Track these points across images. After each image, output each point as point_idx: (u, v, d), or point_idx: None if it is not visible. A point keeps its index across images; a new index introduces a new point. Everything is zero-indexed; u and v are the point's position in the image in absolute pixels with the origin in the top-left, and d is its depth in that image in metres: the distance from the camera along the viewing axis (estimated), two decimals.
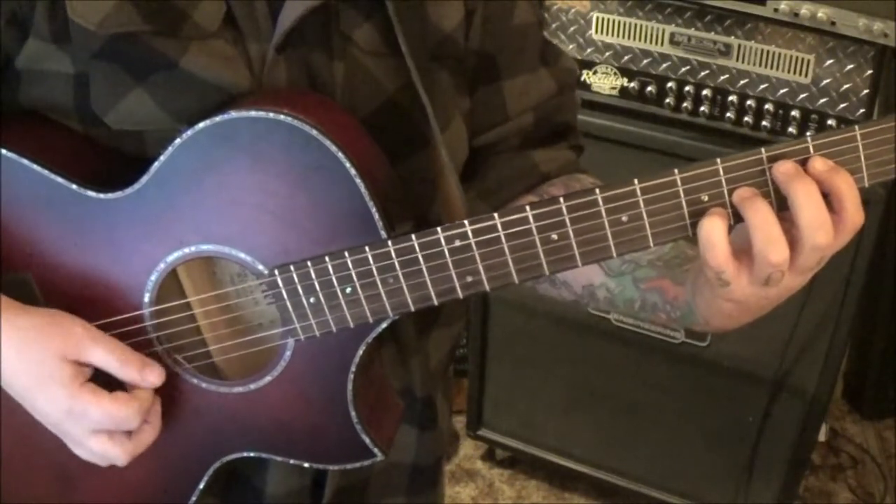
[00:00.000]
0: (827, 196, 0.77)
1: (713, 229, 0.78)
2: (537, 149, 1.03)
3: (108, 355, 0.86)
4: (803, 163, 0.77)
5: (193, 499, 0.96)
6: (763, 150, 0.78)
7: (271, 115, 0.81)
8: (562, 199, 0.80)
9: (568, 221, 0.80)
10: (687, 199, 0.79)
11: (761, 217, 0.77)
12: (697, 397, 2.12)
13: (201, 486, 0.96)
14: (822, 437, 2.36)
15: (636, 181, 0.79)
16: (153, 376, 0.87)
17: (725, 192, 0.78)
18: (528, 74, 1.01)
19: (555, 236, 0.81)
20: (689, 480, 2.21)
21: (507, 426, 2.38)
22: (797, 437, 2.06)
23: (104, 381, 0.87)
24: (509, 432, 2.38)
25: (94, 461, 0.90)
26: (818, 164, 0.77)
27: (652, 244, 0.81)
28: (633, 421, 2.21)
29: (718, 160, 0.78)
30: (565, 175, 1.04)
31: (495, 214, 0.81)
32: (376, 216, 0.83)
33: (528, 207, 0.81)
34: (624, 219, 0.80)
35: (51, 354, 0.85)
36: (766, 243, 0.77)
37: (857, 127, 0.77)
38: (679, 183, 0.79)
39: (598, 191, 0.80)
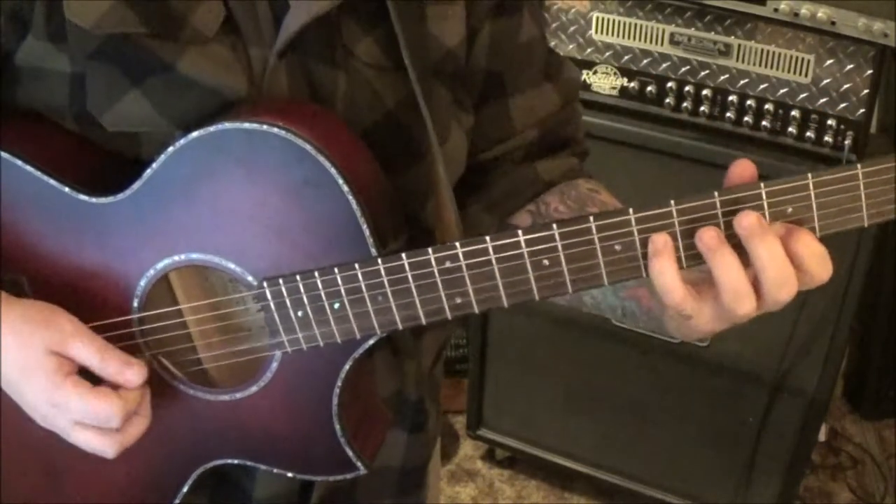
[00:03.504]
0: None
1: (663, 272, 0.77)
2: (540, 160, 1.03)
3: (89, 351, 0.85)
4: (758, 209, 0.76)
5: (177, 501, 0.97)
6: (716, 193, 0.76)
7: (265, 126, 0.80)
8: (555, 226, 0.79)
9: (560, 247, 0.79)
10: (681, 230, 0.77)
11: (728, 272, 0.76)
12: (697, 397, 2.11)
13: (185, 489, 0.96)
14: (822, 437, 2.36)
15: (631, 210, 0.77)
16: (133, 374, 0.85)
17: (721, 223, 0.77)
18: (533, 90, 1.01)
19: (546, 262, 0.80)
20: (689, 480, 2.21)
21: (507, 426, 2.37)
22: (797, 437, 2.06)
23: (97, 381, 0.86)
24: (509, 432, 2.38)
25: (87, 451, 0.89)
26: (776, 227, 0.76)
27: (644, 274, 0.79)
28: (633, 421, 2.21)
29: (716, 193, 0.76)
30: (565, 182, 1.03)
31: (487, 238, 0.80)
32: (367, 233, 0.82)
33: (520, 232, 0.80)
34: (617, 247, 0.78)
35: (35, 345, 0.85)
36: (734, 300, 0.76)
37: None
38: (675, 214, 0.77)
39: (591, 218, 0.78)
